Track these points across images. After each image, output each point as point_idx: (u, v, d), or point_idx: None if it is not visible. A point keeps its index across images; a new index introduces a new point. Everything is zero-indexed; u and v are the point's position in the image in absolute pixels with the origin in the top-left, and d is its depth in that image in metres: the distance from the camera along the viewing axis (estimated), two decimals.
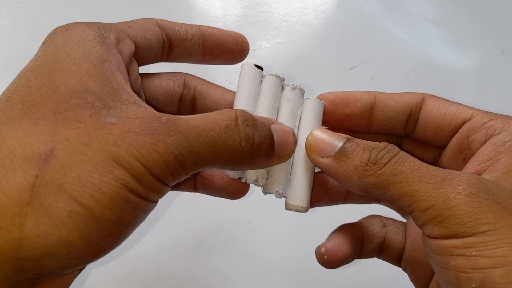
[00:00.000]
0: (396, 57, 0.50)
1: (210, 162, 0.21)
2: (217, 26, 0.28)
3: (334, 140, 0.24)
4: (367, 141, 0.24)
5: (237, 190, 0.28)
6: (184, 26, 0.27)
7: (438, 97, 0.26)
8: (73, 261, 0.18)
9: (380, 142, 0.24)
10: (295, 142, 0.26)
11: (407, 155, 0.22)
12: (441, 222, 0.19)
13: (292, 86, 0.27)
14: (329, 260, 0.28)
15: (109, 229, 0.19)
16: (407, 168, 0.21)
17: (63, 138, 0.19)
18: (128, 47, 0.24)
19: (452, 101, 0.26)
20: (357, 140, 0.24)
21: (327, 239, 0.29)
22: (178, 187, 0.29)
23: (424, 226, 0.21)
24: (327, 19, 0.53)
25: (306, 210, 0.26)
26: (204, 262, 0.40)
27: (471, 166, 0.23)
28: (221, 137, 0.21)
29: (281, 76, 0.27)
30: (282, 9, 0.53)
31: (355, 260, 0.40)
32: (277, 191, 0.26)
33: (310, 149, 0.25)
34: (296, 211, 0.26)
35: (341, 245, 0.28)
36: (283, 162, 0.26)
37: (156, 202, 0.21)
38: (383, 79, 0.48)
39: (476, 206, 0.19)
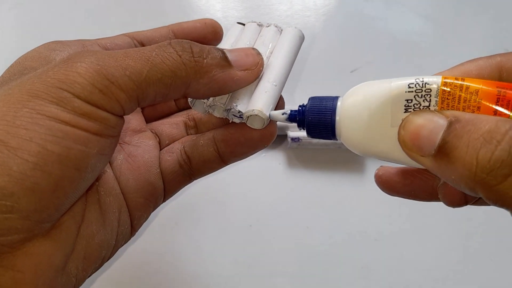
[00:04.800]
0: (397, 59, 0.50)
1: (151, 78, 0.20)
2: None
3: (432, 129, 0.18)
4: (476, 124, 0.17)
5: (262, 131, 0.25)
6: (152, 29, 0.28)
7: None
8: (5, 200, 0.17)
9: None
10: (258, 54, 0.24)
11: None
12: None
13: (266, 24, 0.27)
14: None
15: (34, 161, 0.17)
16: None
17: None
18: (94, 48, 0.25)
19: None
20: (461, 123, 0.17)
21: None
22: (201, 170, 0.27)
23: None
24: (328, 21, 0.53)
25: (265, 119, 0.24)
26: (205, 266, 0.40)
27: None
28: (153, 52, 0.21)
29: (258, 21, 0.28)
30: (283, 11, 0.53)
31: (358, 264, 0.40)
32: (233, 105, 0.24)
33: (404, 145, 0.19)
34: (254, 125, 0.24)
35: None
36: (254, 76, 0.24)
37: (101, 135, 0.20)
38: None
39: None
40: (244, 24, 0.28)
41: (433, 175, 0.23)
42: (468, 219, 0.41)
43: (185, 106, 0.30)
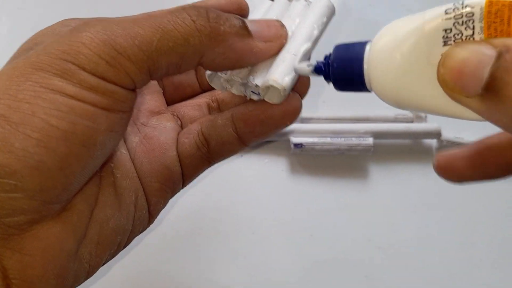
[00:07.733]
0: None
1: (162, 47, 0.18)
2: None
3: (477, 64, 0.14)
4: None
5: (285, 106, 0.23)
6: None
7: None
8: (8, 179, 0.16)
9: None
10: (282, 26, 0.23)
11: None
12: None
13: None
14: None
15: (37, 137, 0.16)
16: None
17: None
18: None
19: None
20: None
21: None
22: (216, 156, 0.25)
23: None
24: (330, 25, 0.52)
25: (281, 90, 0.21)
26: (206, 274, 0.40)
27: None
28: (165, 19, 0.19)
29: None
30: None
31: (361, 273, 0.40)
32: (250, 78, 0.22)
33: (445, 85, 0.16)
34: (272, 100, 0.22)
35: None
36: (275, 48, 0.22)
37: (110, 110, 0.18)
38: None
39: None
40: (273, 0, 0.26)
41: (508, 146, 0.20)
42: (473, 228, 0.41)
43: (209, 88, 0.28)
